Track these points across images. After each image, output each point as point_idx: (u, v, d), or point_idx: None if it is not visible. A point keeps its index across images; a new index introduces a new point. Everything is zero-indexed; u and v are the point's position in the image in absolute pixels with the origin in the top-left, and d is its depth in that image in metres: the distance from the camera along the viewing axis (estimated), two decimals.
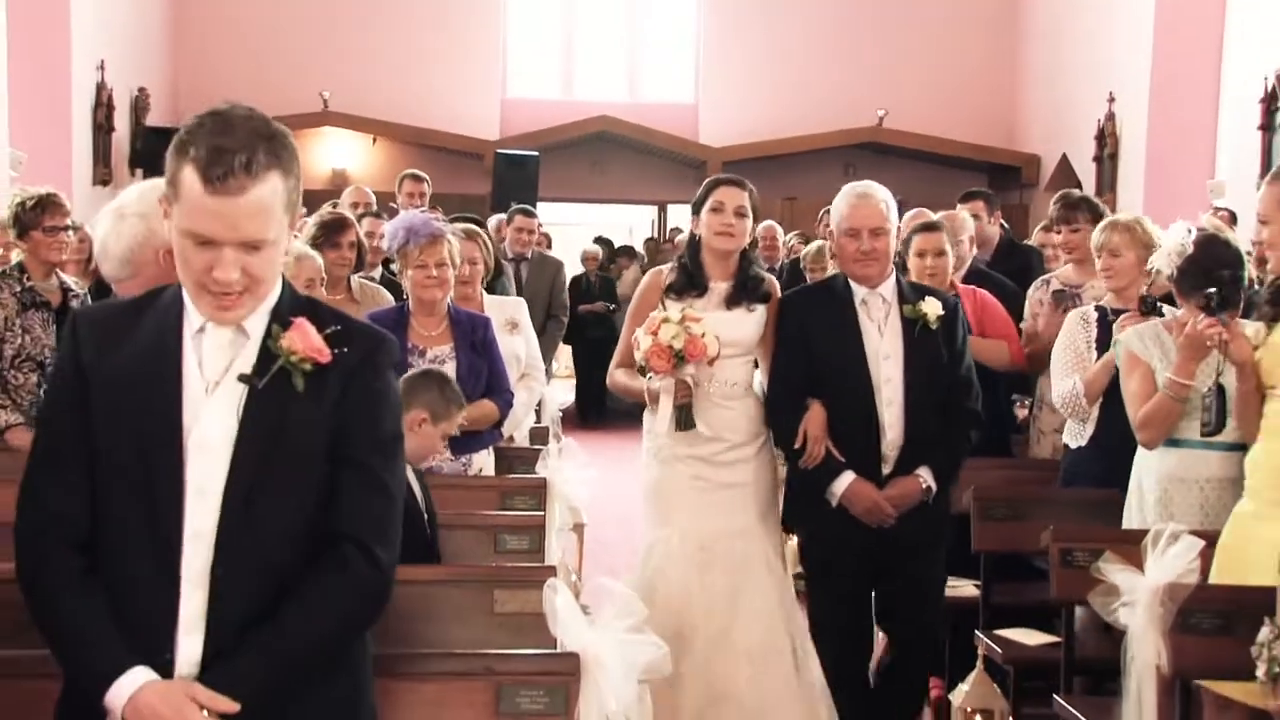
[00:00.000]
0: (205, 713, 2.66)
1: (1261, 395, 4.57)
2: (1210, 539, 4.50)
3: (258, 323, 2.80)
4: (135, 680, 2.68)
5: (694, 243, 5.62)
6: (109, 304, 2.97)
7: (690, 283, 5.49)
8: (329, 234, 6.53)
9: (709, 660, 5.27)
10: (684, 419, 5.24)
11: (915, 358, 5.35)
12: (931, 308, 5.34)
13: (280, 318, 2.81)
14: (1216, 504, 4.88)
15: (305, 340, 2.77)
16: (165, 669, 2.71)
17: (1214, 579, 4.36)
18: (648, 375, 5.24)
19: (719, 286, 5.49)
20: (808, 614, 5.64)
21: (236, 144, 2.66)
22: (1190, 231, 5.28)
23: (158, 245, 3.39)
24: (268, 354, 2.78)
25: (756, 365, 5.66)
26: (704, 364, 5.19)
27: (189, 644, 2.74)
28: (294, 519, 2.79)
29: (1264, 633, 3.80)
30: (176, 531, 2.72)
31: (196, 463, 2.74)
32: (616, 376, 5.63)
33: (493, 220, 11.46)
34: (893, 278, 5.47)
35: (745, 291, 5.49)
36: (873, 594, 5.55)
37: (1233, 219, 9.99)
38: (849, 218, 5.35)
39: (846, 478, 5.29)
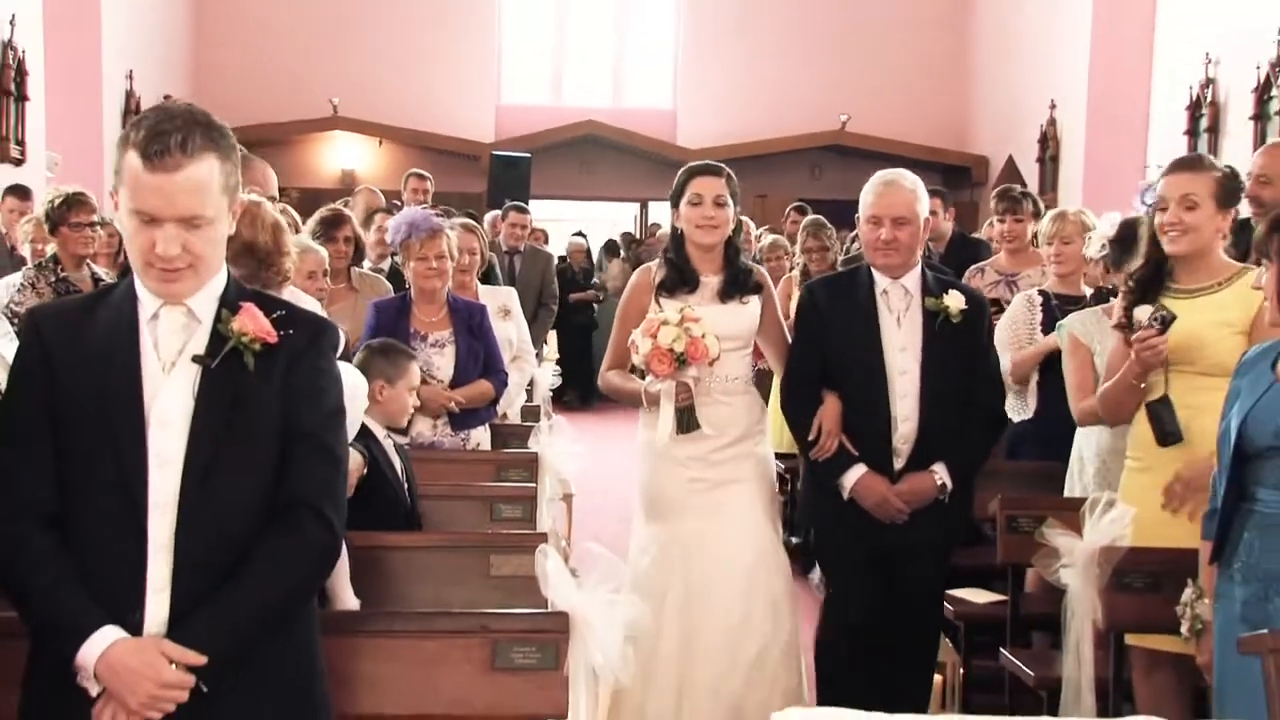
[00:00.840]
0: (174, 666, 2.64)
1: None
2: None
3: (207, 308, 2.80)
4: (106, 638, 2.65)
5: (677, 237, 5.07)
6: (65, 301, 2.97)
7: (681, 280, 4.97)
8: (327, 229, 6.52)
9: (686, 665, 4.83)
10: (686, 421, 4.76)
11: (933, 351, 4.79)
12: (954, 301, 4.79)
13: (229, 303, 2.80)
14: None
15: (255, 323, 2.79)
16: (135, 629, 2.69)
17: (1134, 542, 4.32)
18: (645, 377, 4.80)
19: (710, 281, 4.99)
20: (820, 612, 5.14)
21: (173, 126, 2.68)
22: (1113, 222, 5.37)
23: None
24: (219, 336, 2.77)
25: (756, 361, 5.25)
26: (705, 365, 4.70)
27: (157, 604, 2.71)
28: (251, 492, 2.78)
29: (1187, 593, 3.84)
30: (142, 501, 2.70)
31: (157, 437, 2.72)
32: (609, 378, 5.10)
33: (489, 216, 11.47)
34: (918, 269, 4.89)
35: (737, 284, 5.01)
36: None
37: None
38: (872, 205, 4.81)
39: (857, 470, 4.78)
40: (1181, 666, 4.25)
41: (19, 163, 12.16)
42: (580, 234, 17.76)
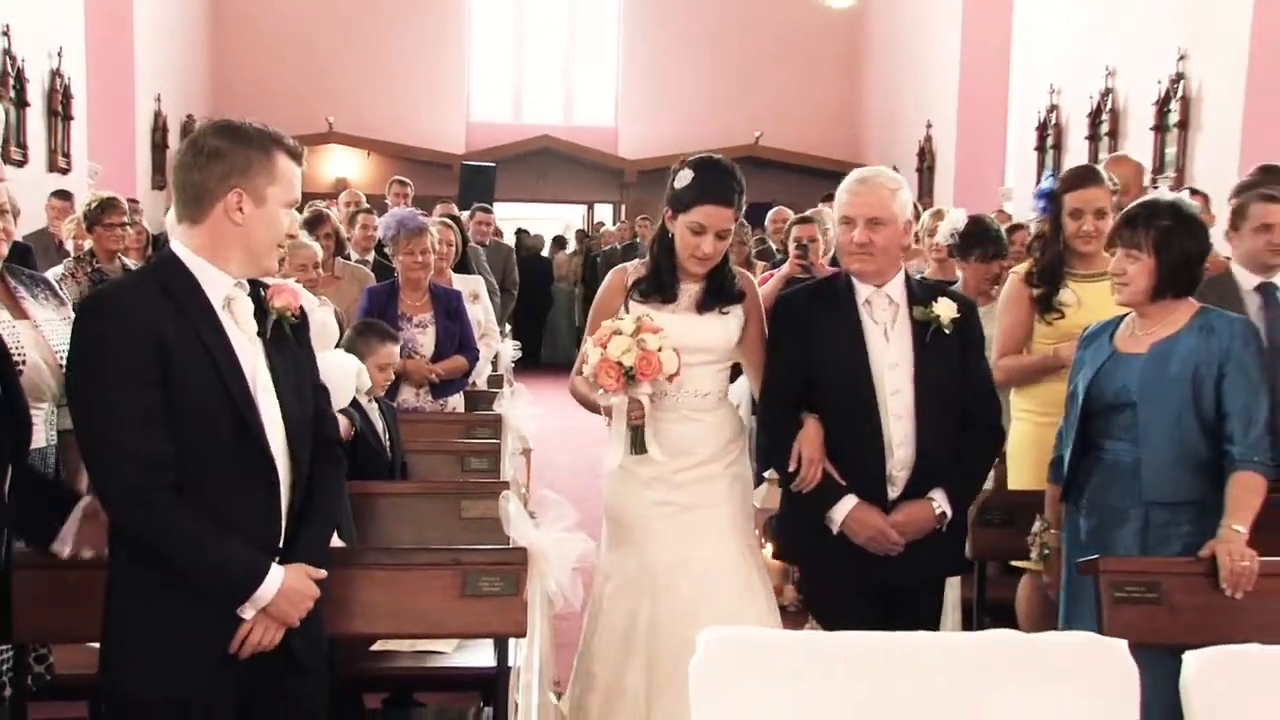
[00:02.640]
0: None
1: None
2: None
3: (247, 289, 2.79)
4: (277, 574, 2.66)
5: (667, 242, 3.76)
6: (133, 286, 2.77)
7: (658, 286, 3.75)
8: (310, 228, 6.46)
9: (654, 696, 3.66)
10: (638, 442, 3.60)
11: (927, 366, 3.68)
12: (945, 309, 3.71)
13: (256, 287, 2.81)
14: None
15: (294, 299, 2.81)
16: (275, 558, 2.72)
17: (1030, 484, 4.35)
18: (599, 391, 3.60)
19: (690, 289, 3.77)
20: None
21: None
22: (962, 216, 5.45)
23: None
24: (263, 313, 2.77)
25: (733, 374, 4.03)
26: (662, 380, 3.56)
27: (281, 536, 2.75)
28: (310, 435, 2.83)
29: (1037, 525, 3.87)
30: (270, 456, 2.68)
31: (263, 402, 2.70)
32: (577, 385, 3.81)
33: (461, 216, 11.43)
34: (901, 275, 3.76)
35: (719, 294, 3.77)
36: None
37: (1008, 218, 10.12)
38: (845, 204, 3.73)
39: (847, 503, 3.61)
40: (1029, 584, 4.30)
41: (65, 172, 12.12)
42: (521, 230, 18.02)
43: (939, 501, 3.65)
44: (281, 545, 2.73)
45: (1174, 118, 10.41)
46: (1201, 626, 3.19)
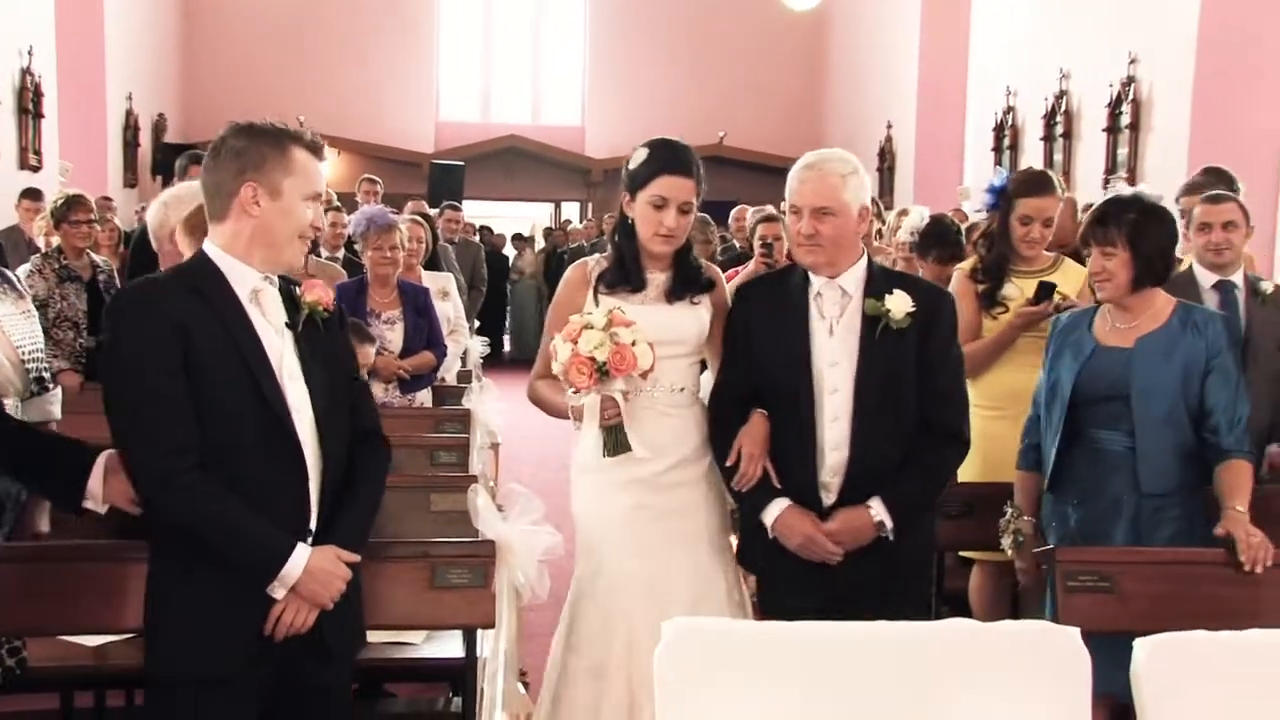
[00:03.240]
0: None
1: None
2: None
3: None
4: (303, 553, 2.68)
5: (627, 228, 3.48)
6: (161, 281, 2.79)
7: (624, 276, 3.46)
8: None
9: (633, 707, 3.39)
10: (614, 443, 3.31)
11: (870, 365, 3.31)
12: (897, 304, 3.31)
13: (285, 281, 2.85)
14: None
15: (327, 294, 2.82)
16: (307, 541, 2.74)
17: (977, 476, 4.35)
18: (569, 390, 3.31)
19: (657, 278, 3.49)
20: None
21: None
22: (924, 215, 5.45)
23: (172, 227, 3.40)
24: (294, 307, 2.81)
25: (705, 367, 3.73)
26: (635, 376, 3.28)
27: (313, 521, 2.77)
28: (345, 426, 2.86)
29: (1009, 511, 3.82)
30: (298, 441, 2.71)
31: (290, 390, 2.73)
32: (538, 388, 3.54)
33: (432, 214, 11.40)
34: (860, 265, 3.39)
35: (688, 282, 3.50)
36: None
37: (964, 217, 10.19)
38: (793, 192, 3.41)
39: (778, 505, 3.33)
40: (997, 571, 4.33)
41: (36, 169, 12.03)
42: (484, 228, 17.98)
43: (876, 509, 3.29)
44: (316, 529, 2.76)
45: (1125, 119, 10.52)
46: (1151, 614, 3.22)
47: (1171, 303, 3.67)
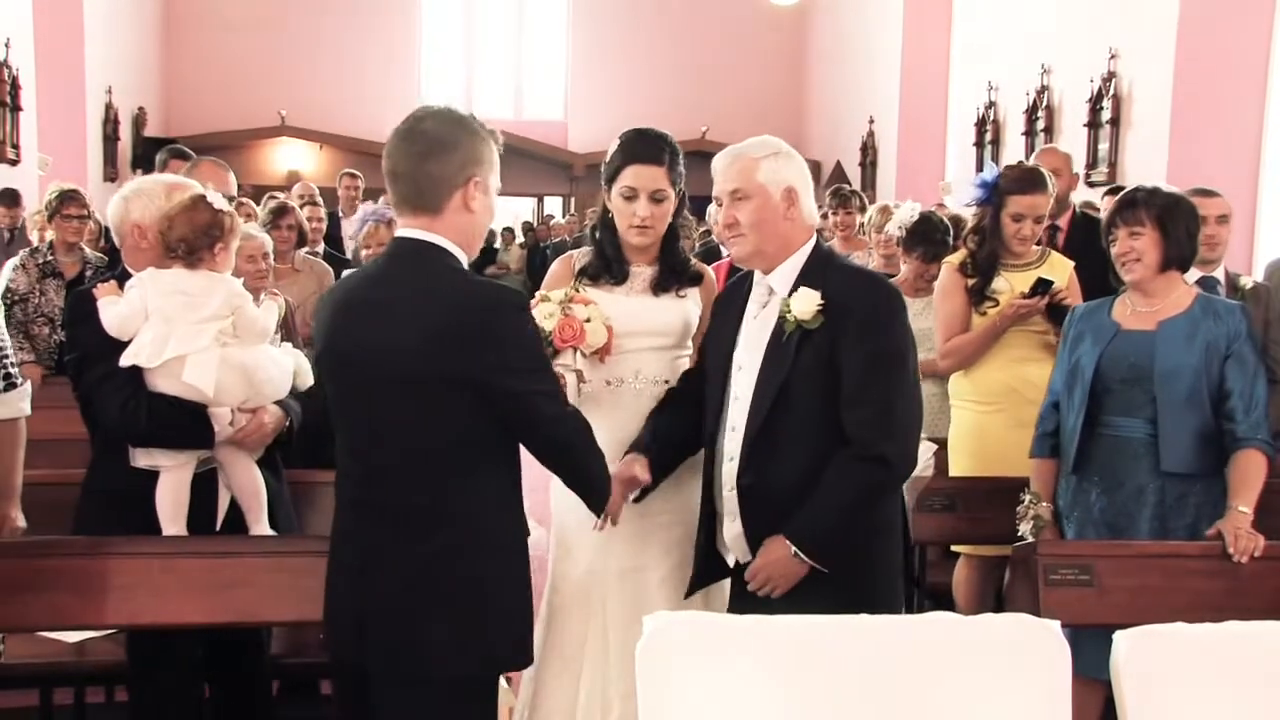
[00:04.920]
0: None
1: None
2: (939, 442, 4.56)
3: None
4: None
5: (607, 219, 3.41)
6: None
7: (606, 268, 3.37)
8: (274, 218, 6.35)
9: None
10: None
11: (767, 371, 2.98)
12: (802, 304, 2.95)
13: None
14: (940, 412, 4.80)
15: None
16: None
17: (970, 471, 4.38)
18: None
19: (643, 270, 3.39)
20: None
21: None
22: (914, 211, 5.44)
23: (133, 221, 3.35)
24: None
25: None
26: (592, 357, 3.20)
27: None
28: None
29: (1026, 498, 3.79)
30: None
31: None
32: None
33: None
34: (797, 259, 3.04)
35: (675, 274, 3.39)
36: None
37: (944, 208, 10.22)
38: (716, 183, 3.16)
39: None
40: (982, 565, 4.35)
41: (14, 163, 11.94)
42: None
43: (789, 543, 2.92)
44: None
45: (1106, 115, 10.56)
46: (1131, 607, 3.24)
47: (1193, 292, 3.73)
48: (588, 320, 3.17)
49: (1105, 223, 3.82)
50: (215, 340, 3.26)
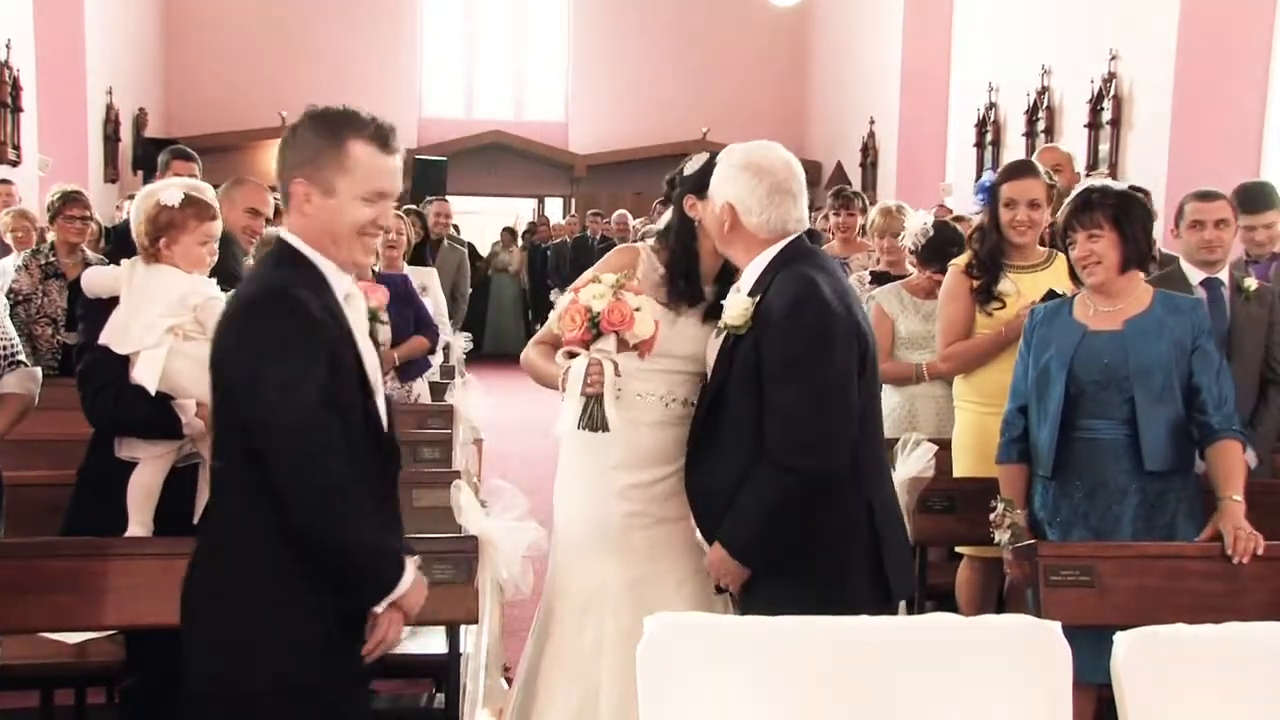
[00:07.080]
0: None
1: None
2: (942, 443, 4.54)
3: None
4: (411, 567, 2.61)
5: (688, 229, 3.26)
6: (291, 280, 2.51)
7: (687, 288, 3.26)
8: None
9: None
10: (592, 415, 3.01)
11: (713, 377, 3.08)
12: (732, 310, 2.98)
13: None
14: (947, 414, 4.82)
15: (384, 298, 2.77)
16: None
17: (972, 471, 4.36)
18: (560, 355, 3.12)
19: (708, 291, 3.30)
20: None
21: (387, 123, 2.58)
22: (927, 221, 5.39)
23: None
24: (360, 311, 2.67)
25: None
26: (630, 350, 3.06)
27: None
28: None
29: (1000, 506, 3.69)
30: (389, 456, 2.65)
31: (379, 402, 2.64)
32: (529, 354, 3.33)
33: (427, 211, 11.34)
34: (757, 262, 3.04)
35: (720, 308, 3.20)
36: None
37: (949, 212, 10.20)
38: None
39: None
40: (984, 567, 4.33)
41: (15, 164, 11.93)
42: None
43: (719, 543, 3.01)
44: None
45: (1107, 115, 10.56)
46: (1132, 608, 3.24)
47: (1151, 290, 3.73)
48: (638, 309, 3.04)
49: (1062, 225, 3.80)
50: (168, 335, 3.36)
